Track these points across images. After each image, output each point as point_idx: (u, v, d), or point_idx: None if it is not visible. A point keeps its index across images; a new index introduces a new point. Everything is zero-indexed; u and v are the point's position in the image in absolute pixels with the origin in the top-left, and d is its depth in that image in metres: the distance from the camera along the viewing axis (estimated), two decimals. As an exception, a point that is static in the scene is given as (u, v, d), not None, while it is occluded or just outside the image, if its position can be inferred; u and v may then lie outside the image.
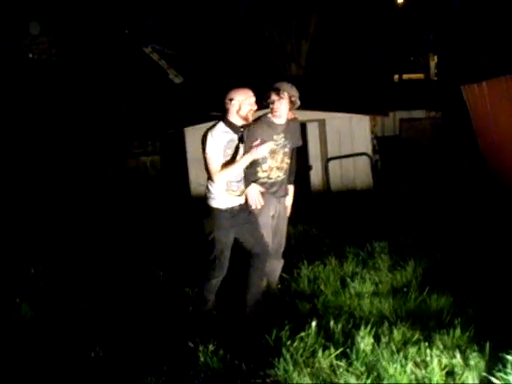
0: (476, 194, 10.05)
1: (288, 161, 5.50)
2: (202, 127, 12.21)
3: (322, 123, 12.20)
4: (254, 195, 5.24)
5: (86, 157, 14.24)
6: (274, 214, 5.54)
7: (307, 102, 11.38)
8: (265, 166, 5.32)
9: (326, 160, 12.15)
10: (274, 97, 5.25)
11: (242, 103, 4.96)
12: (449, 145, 14.65)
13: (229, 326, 5.09)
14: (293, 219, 5.59)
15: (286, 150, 5.43)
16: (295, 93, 5.36)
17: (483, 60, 18.42)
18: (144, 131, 15.37)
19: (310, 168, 12.31)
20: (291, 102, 5.33)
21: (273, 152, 5.28)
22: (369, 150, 12.29)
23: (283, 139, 5.36)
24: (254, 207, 5.25)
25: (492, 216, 8.39)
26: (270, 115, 5.33)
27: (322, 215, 9.65)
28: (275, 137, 5.29)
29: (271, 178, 5.39)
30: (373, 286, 5.85)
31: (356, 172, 12.34)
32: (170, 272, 6.80)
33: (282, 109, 5.28)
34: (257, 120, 5.28)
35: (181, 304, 5.73)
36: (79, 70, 15.99)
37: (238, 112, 4.98)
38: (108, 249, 8.15)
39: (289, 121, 5.43)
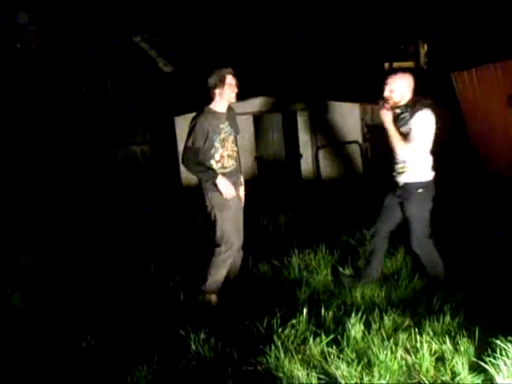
0: (465, 180, 10.07)
1: (236, 148, 5.46)
2: (192, 116, 12.40)
3: (312, 111, 12.17)
4: (226, 184, 5.15)
5: (74, 146, 14.15)
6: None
7: (297, 90, 11.43)
8: (217, 156, 5.21)
9: (317, 148, 12.15)
10: (233, 81, 5.21)
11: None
12: (439, 132, 14.65)
13: (220, 314, 5.10)
14: (283, 207, 5.57)
15: (232, 136, 5.38)
16: None
17: (473, 48, 18.42)
18: (134, 121, 15.30)
19: (300, 156, 12.31)
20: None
21: (223, 140, 5.23)
22: (359, 138, 12.29)
23: (228, 127, 5.32)
24: (228, 197, 5.18)
25: (481, 202, 8.42)
26: (212, 106, 5.26)
27: (313, 203, 9.65)
28: (221, 125, 5.25)
29: (226, 168, 5.29)
30: (363, 274, 5.87)
31: (346, 160, 12.34)
32: (161, 261, 6.78)
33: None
34: (200, 114, 5.27)
35: (172, 292, 5.73)
36: (68, 59, 15.87)
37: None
38: (99, 239, 8.12)
39: (228, 108, 5.38)
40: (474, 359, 3.90)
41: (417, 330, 4.29)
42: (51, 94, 15.12)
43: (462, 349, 4.01)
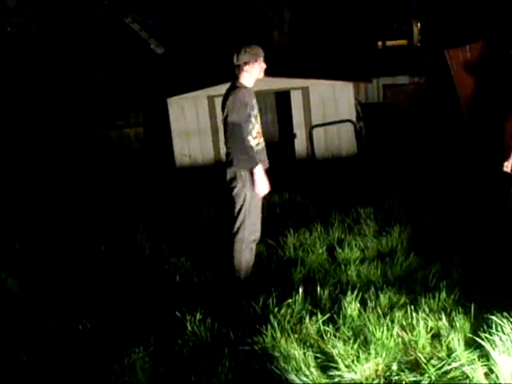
0: (460, 159, 10.07)
1: None
2: (185, 97, 12.35)
3: (305, 91, 12.12)
4: (264, 178, 4.91)
5: (67, 129, 14.09)
6: None
7: (291, 69, 11.38)
8: (254, 133, 5.02)
9: (311, 127, 12.12)
10: (261, 59, 5.02)
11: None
12: (433, 110, 14.64)
13: (216, 294, 5.10)
14: (278, 187, 5.52)
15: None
16: None
17: (466, 25, 18.33)
18: (126, 103, 15.23)
19: (294, 136, 12.27)
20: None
21: (256, 117, 5.08)
22: (353, 117, 12.26)
23: (256, 103, 5.16)
24: (260, 194, 4.96)
25: (477, 181, 8.41)
26: (242, 81, 5.01)
27: (307, 183, 9.64)
28: (254, 101, 5.08)
29: (261, 144, 5.13)
30: (359, 252, 5.88)
31: (340, 139, 12.32)
32: (156, 242, 6.78)
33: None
34: (236, 88, 4.98)
35: (167, 274, 5.73)
36: (59, 42, 15.73)
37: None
38: (94, 222, 8.11)
39: None
40: (470, 335, 3.90)
41: (413, 307, 4.29)
42: (43, 77, 14.99)
43: (457, 325, 4.01)
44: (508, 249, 5.40)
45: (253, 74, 5.00)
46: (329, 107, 12.20)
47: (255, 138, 5.02)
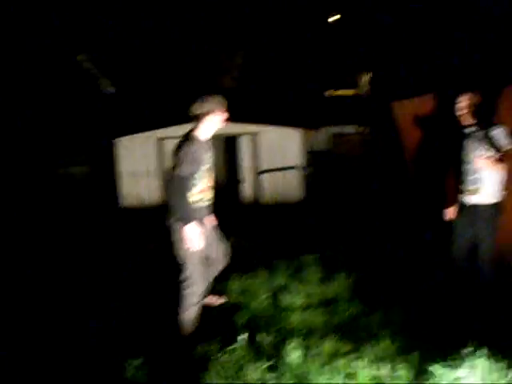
0: (404, 206, 10.24)
1: None
2: (134, 138, 12.30)
3: (254, 136, 12.23)
4: (195, 235, 4.81)
5: (13, 167, 13.82)
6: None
7: (240, 114, 11.47)
8: (199, 188, 4.89)
9: (258, 173, 12.18)
10: (222, 110, 4.94)
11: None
12: (377, 159, 14.94)
13: (157, 339, 4.98)
14: (224, 232, 5.48)
15: (212, 168, 5.12)
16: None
17: (413, 77, 18.90)
18: (75, 141, 15.07)
19: (241, 181, 12.30)
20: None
21: (207, 171, 4.96)
22: (300, 164, 12.38)
23: (210, 157, 5.05)
24: (191, 249, 4.83)
25: (421, 229, 8.55)
26: (197, 133, 4.92)
27: (253, 228, 9.64)
28: (207, 155, 4.98)
29: (205, 201, 5.01)
30: (303, 299, 5.85)
31: (287, 185, 12.40)
32: (96, 284, 6.63)
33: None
34: (190, 140, 4.85)
35: (108, 318, 5.59)
36: (9, 78, 15.54)
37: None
38: (32, 260, 7.90)
39: None
40: (412, 384, 3.90)
41: (355, 355, 4.27)
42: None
43: (399, 374, 4.01)
44: (449, 296, 5.47)
45: (213, 124, 4.92)
46: (277, 153, 12.31)
47: (200, 193, 4.94)
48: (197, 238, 4.83)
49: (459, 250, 5.50)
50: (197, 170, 4.83)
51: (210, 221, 5.28)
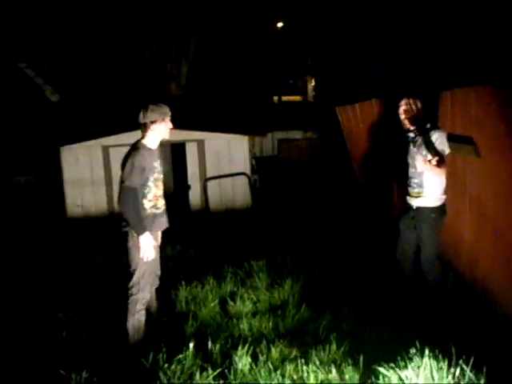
0: (350, 210, 10.40)
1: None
2: (78, 146, 12.11)
3: (200, 143, 12.21)
4: (149, 245, 4.81)
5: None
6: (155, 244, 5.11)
7: (186, 121, 11.43)
8: (150, 196, 4.89)
9: (205, 180, 12.16)
10: (167, 119, 4.92)
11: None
12: (324, 163, 15.11)
13: (104, 350, 4.91)
14: (163, 238, 5.43)
15: (162, 176, 5.12)
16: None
17: (357, 83, 19.20)
18: (19, 150, 14.77)
19: (188, 188, 12.26)
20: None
21: (156, 180, 4.94)
22: (247, 170, 12.42)
23: (160, 166, 5.04)
24: (144, 259, 4.82)
25: (365, 231, 8.68)
26: (145, 141, 4.91)
27: (201, 235, 9.61)
28: (155, 164, 4.95)
29: (159, 208, 4.99)
30: (251, 305, 5.87)
31: (235, 192, 12.41)
32: (43, 296, 6.50)
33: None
34: (136, 150, 4.82)
35: (53, 330, 5.48)
36: None
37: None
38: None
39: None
40: (359, 387, 3.96)
41: (303, 360, 4.30)
42: None
43: (347, 377, 4.06)
44: (396, 298, 5.56)
45: (159, 133, 4.90)
46: (224, 160, 12.31)
47: (151, 201, 4.92)
48: (150, 249, 4.83)
49: (404, 251, 5.61)
50: (147, 180, 4.82)
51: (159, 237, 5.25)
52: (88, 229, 11.03)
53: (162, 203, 5.06)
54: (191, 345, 4.56)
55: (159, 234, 5.18)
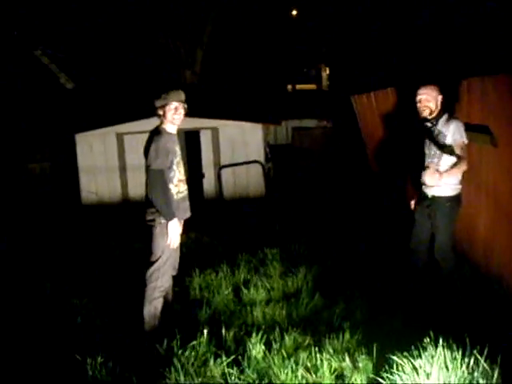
0: (365, 199, 10.36)
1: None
2: (93, 134, 12.15)
3: (215, 131, 12.19)
4: (177, 231, 4.84)
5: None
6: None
7: (201, 109, 11.43)
8: (175, 180, 4.89)
9: (219, 168, 12.16)
10: (179, 105, 4.91)
11: None
12: (339, 152, 15.08)
13: (118, 336, 4.95)
14: (185, 227, 5.45)
15: (182, 160, 5.12)
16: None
17: (372, 72, 19.09)
18: (34, 137, 14.84)
19: (202, 176, 12.27)
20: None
21: (178, 163, 4.94)
22: (261, 158, 12.40)
23: (179, 150, 5.06)
24: (171, 246, 4.84)
25: (379, 219, 8.65)
26: (164, 126, 4.92)
27: (215, 223, 9.63)
28: (176, 148, 4.97)
29: (181, 192, 4.99)
30: (265, 293, 5.88)
31: (249, 180, 12.40)
32: (58, 282, 6.55)
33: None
34: (158, 133, 4.85)
35: (68, 315, 5.53)
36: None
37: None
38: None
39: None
40: (372, 375, 3.95)
41: (317, 348, 4.30)
42: None
43: (360, 365, 4.05)
44: (411, 287, 5.55)
45: (176, 116, 4.89)
46: (238, 148, 12.30)
47: (176, 186, 4.92)
48: (177, 236, 4.85)
49: (419, 240, 5.58)
50: (171, 162, 4.83)
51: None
52: (102, 216, 11.10)
53: (184, 187, 5.07)
54: (205, 331, 4.57)
55: (182, 222, 5.10)
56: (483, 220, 5.80)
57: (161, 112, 4.89)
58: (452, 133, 5.10)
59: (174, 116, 4.90)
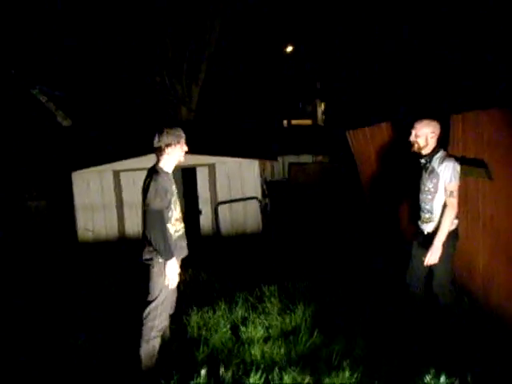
0: (362, 233, 10.33)
1: None
2: (90, 171, 12.16)
3: (211, 167, 12.22)
4: (175, 271, 4.80)
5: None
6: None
7: (197, 146, 11.46)
8: (173, 220, 4.88)
9: (216, 204, 12.15)
10: (182, 142, 4.94)
11: None
12: (335, 187, 15.09)
13: (116, 377, 4.88)
14: (183, 265, 5.40)
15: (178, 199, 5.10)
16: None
17: (366, 107, 19.24)
18: (30, 175, 14.86)
19: (199, 212, 12.25)
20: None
21: (175, 202, 4.92)
22: (258, 194, 12.39)
23: (175, 188, 5.01)
24: (170, 286, 4.82)
25: (379, 256, 8.62)
26: (161, 165, 4.90)
27: (212, 260, 9.58)
28: (173, 187, 4.94)
29: (178, 231, 4.96)
30: (263, 331, 5.81)
31: (246, 216, 12.39)
32: (53, 322, 6.48)
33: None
34: (156, 173, 4.80)
35: (64, 356, 5.46)
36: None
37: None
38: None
39: None
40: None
41: (317, 386, 4.25)
42: None
43: (361, 405, 4.00)
44: (409, 322, 5.50)
45: (174, 156, 4.89)
46: (235, 184, 12.31)
47: (174, 225, 4.90)
48: (176, 276, 4.81)
49: (415, 275, 5.54)
50: (169, 202, 4.81)
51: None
52: (99, 253, 11.04)
53: (181, 226, 5.03)
54: (203, 371, 4.51)
55: (179, 260, 5.06)
56: (481, 252, 5.78)
57: (168, 149, 4.85)
58: (443, 173, 5.09)
59: (181, 155, 4.92)
